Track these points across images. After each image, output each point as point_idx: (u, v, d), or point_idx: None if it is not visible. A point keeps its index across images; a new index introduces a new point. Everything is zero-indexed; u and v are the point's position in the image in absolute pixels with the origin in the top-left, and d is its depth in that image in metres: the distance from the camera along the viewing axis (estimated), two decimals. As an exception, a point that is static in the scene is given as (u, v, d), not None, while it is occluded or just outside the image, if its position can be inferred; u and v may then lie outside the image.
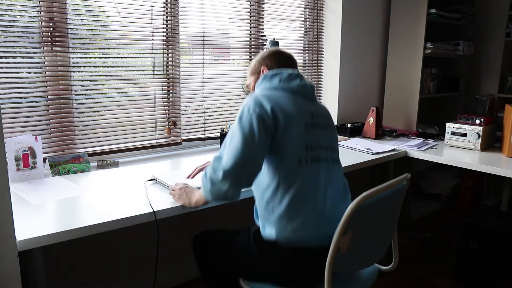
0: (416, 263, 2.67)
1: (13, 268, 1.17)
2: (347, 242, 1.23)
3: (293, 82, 1.45)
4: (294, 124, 1.36)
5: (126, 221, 1.38)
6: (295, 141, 1.35)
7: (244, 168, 1.31)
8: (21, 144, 1.74)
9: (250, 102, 1.37)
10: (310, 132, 1.39)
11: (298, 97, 1.43)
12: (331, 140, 1.48)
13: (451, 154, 2.36)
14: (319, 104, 1.53)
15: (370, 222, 1.32)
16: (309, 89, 1.48)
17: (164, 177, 1.74)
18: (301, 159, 1.35)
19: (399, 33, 3.09)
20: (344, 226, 1.21)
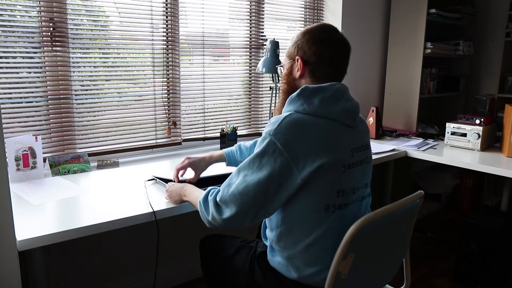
0: (416, 263, 2.66)
1: (13, 268, 1.17)
2: (347, 267, 1.12)
3: (336, 106, 1.18)
4: (330, 170, 1.13)
5: (126, 221, 1.38)
6: (328, 187, 1.15)
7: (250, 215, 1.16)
8: (21, 144, 1.74)
9: (279, 136, 1.11)
10: (346, 175, 1.17)
11: (339, 126, 1.18)
12: (367, 176, 1.27)
13: (451, 154, 2.36)
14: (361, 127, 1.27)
15: (376, 244, 1.20)
16: (353, 113, 1.22)
17: (163, 177, 1.74)
18: (329, 206, 1.16)
19: (399, 33, 3.09)
20: (343, 251, 1.09)
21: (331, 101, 1.19)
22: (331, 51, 1.24)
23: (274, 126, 1.14)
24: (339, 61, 1.27)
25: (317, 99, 1.18)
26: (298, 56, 1.25)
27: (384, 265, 1.30)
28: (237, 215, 1.16)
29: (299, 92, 1.20)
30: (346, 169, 1.18)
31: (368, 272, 1.24)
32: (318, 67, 1.24)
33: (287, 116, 1.15)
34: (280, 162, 1.12)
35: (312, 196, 1.15)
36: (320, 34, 1.24)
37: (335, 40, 1.25)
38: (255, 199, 1.14)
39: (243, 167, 1.18)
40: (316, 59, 1.23)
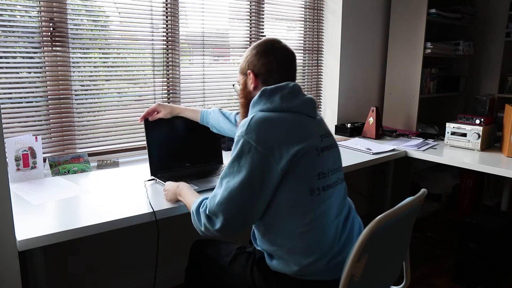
0: (416, 263, 2.66)
1: (13, 268, 1.17)
2: (361, 269, 1.11)
3: (296, 99, 1.28)
4: (306, 155, 1.20)
5: (126, 221, 1.38)
6: (307, 172, 1.21)
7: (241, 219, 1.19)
8: (21, 144, 1.74)
9: (252, 135, 1.18)
10: (322, 158, 1.24)
11: (303, 118, 1.27)
12: (338, 160, 1.35)
13: (451, 154, 2.36)
14: (319, 118, 1.37)
15: (384, 245, 1.20)
16: (313, 103, 1.33)
17: (164, 176, 1.74)
18: (313, 189, 1.21)
19: (399, 33, 3.09)
20: (358, 252, 1.07)
21: (290, 97, 1.28)
22: (277, 60, 1.34)
23: (244, 127, 1.21)
24: (286, 67, 1.36)
25: (277, 97, 1.27)
26: (250, 70, 1.36)
27: (392, 265, 1.32)
28: (228, 222, 1.19)
29: (259, 94, 1.29)
30: (320, 153, 1.25)
31: (378, 273, 1.25)
32: (269, 76, 1.34)
33: (254, 116, 1.23)
34: (258, 158, 1.17)
35: (295, 183, 1.20)
36: (265, 47, 1.35)
37: (279, 50, 1.35)
38: (242, 202, 1.18)
39: (224, 175, 1.22)
40: (265, 69, 1.33)
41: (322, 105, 3.14)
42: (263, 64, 1.33)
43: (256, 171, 1.17)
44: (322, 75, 3.10)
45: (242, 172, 1.18)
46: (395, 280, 1.36)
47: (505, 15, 3.14)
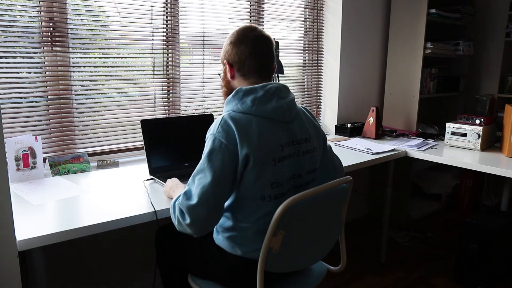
0: (416, 263, 2.67)
1: (13, 268, 1.17)
2: (278, 243, 1.24)
3: (268, 105, 1.29)
4: (262, 163, 1.25)
5: (126, 221, 1.38)
6: (261, 179, 1.26)
7: (212, 214, 1.24)
8: (21, 144, 1.74)
9: (221, 133, 1.24)
10: (277, 168, 1.28)
11: (270, 124, 1.29)
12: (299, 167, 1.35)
13: (451, 154, 2.36)
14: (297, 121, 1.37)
15: (305, 223, 1.30)
16: (285, 110, 1.32)
17: (163, 175, 1.74)
18: (265, 196, 1.28)
19: (399, 33, 3.09)
20: (274, 227, 1.21)
21: (262, 100, 1.29)
22: (249, 48, 1.34)
23: (215, 126, 1.27)
24: (260, 55, 1.36)
25: (249, 99, 1.29)
26: (226, 60, 1.39)
27: (316, 243, 1.40)
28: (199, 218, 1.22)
29: (233, 94, 1.32)
30: (277, 163, 1.28)
31: (299, 248, 1.34)
32: (243, 65, 1.36)
33: (225, 115, 1.28)
34: (228, 154, 1.23)
35: (248, 188, 1.27)
36: (237, 36, 1.36)
37: (251, 38, 1.35)
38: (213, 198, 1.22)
39: (196, 172, 1.26)
40: (238, 58, 1.35)
41: (322, 105, 3.14)
42: (236, 53, 1.35)
43: (227, 167, 1.23)
44: (322, 75, 3.10)
45: (213, 168, 1.22)
46: (323, 257, 1.45)
47: (505, 15, 3.14)
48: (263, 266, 1.25)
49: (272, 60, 1.40)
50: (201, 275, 1.47)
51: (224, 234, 1.35)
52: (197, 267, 1.47)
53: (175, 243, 1.53)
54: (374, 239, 2.93)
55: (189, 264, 1.49)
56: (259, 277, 1.26)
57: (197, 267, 1.47)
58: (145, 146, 1.82)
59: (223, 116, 1.28)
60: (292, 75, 2.92)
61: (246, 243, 1.32)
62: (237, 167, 1.24)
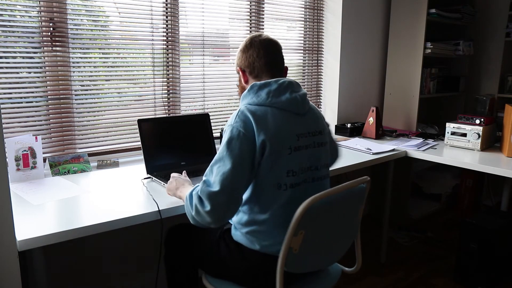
0: (416, 263, 2.67)
1: (13, 268, 1.17)
2: (298, 243, 1.25)
3: (282, 96, 1.35)
4: (279, 150, 1.30)
5: (128, 221, 1.38)
6: (277, 167, 1.30)
7: (232, 200, 1.26)
8: (21, 144, 1.74)
9: (239, 123, 1.29)
10: (293, 156, 1.33)
11: (286, 115, 1.34)
12: (316, 159, 1.40)
13: (451, 154, 2.36)
14: (310, 114, 1.43)
15: (325, 223, 1.32)
16: (299, 102, 1.37)
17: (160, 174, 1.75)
18: (281, 184, 1.31)
19: (399, 33, 3.09)
20: (294, 227, 1.22)
21: (276, 93, 1.35)
22: (256, 51, 1.43)
23: (233, 118, 1.32)
24: (266, 55, 1.43)
25: (264, 92, 1.35)
26: (238, 67, 1.48)
27: (334, 244, 1.42)
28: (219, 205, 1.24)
29: (248, 89, 1.39)
30: (293, 151, 1.33)
31: (319, 249, 1.36)
32: (253, 67, 1.44)
33: (241, 108, 1.34)
34: (245, 140, 1.27)
35: (264, 175, 1.30)
36: (245, 43, 1.46)
37: (258, 42, 1.44)
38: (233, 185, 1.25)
39: (215, 161, 1.29)
40: (248, 63, 1.44)
41: (322, 105, 3.14)
42: (245, 58, 1.44)
43: (245, 153, 1.26)
44: (322, 75, 3.10)
45: (233, 156, 1.25)
46: (339, 258, 1.46)
47: (505, 15, 3.14)
48: (283, 266, 1.25)
49: (280, 60, 1.48)
50: (217, 274, 1.47)
51: (243, 230, 1.37)
52: (213, 266, 1.47)
53: (189, 242, 1.54)
54: (374, 239, 2.93)
55: (204, 263, 1.50)
56: (279, 277, 1.26)
57: (213, 266, 1.47)
58: (142, 145, 1.83)
59: (240, 108, 1.33)
60: (292, 75, 2.92)
61: (265, 236, 1.33)
62: (255, 154, 1.28)
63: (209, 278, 1.48)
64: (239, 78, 1.50)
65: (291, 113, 1.36)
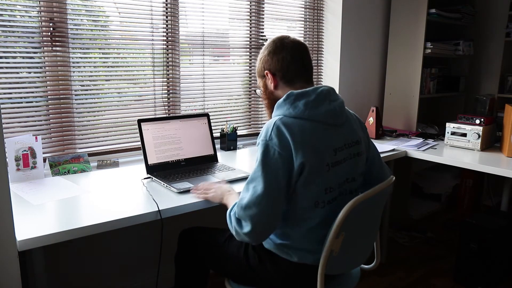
0: (416, 263, 2.67)
1: (13, 268, 1.17)
2: (339, 245, 1.24)
3: (320, 108, 1.27)
4: (317, 170, 1.24)
5: (128, 221, 1.38)
6: (314, 186, 1.25)
7: (269, 221, 1.23)
8: (21, 144, 1.74)
9: (275, 140, 1.21)
10: (331, 173, 1.27)
11: (323, 128, 1.28)
12: (352, 170, 1.35)
13: (451, 154, 2.36)
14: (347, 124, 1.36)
15: (359, 224, 1.32)
16: (337, 113, 1.31)
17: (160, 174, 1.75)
18: (318, 202, 1.27)
19: (399, 33, 3.09)
20: (337, 230, 1.21)
21: (314, 104, 1.27)
22: (290, 53, 1.35)
23: (267, 132, 1.24)
24: (301, 59, 1.37)
25: (301, 103, 1.27)
26: (266, 71, 1.38)
27: (365, 243, 1.43)
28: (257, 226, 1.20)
29: (285, 98, 1.29)
30: (331, 168, 1.27)
31: (353, 250, 1.37)
32: (286, 71, 1.36)
33: (276, 121, 1.25)
34: (282, 161, 1.20)
35: (302, 196, 1.25)
36: (275, 45, 1.38)
37: (290, 44, 1.37)
38: (268, 205, 1.20)
39: (250, 179, 1.24)
40: (281, 65, 1.35)
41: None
42: (277, 61, 1.35)
43: (280, 175, 1.20)
44: (322, 75, 3.10)
45: (268, 177, 1.20)
46: (366, 258, 1.46)
47: (505, 15, 3.13)
48: (324, 270, 1.24)
49: (311, 64, 1.41)
50: (244, 281, 1.44)
51: (276, 241, 1.32)
52: (239, 273, 1.43)
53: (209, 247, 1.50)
54: (374, 239, 2.93)
55: (229, 269, 1.46)
56: (320, 281, 1.24)
57: (239, 273, 1.43)
58: (142, 145, 1.83)
59: (275, 122, 1.24)
60: (292, 75, 2.92)
61: (299, 249, 1.30)
62: (292, 174, 1.22)
63: (233, 284, 1.47)
64: (263, 83, 1.41)
65: (329, 125, 1.29)
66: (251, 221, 1.20)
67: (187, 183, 1.67)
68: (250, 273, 1.40)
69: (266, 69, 1.38)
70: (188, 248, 1.58)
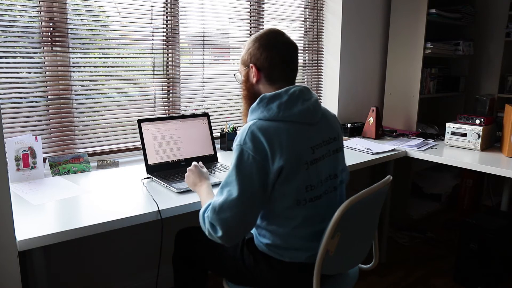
0: (416, 263, 2.67)
1: (13, 268, 1.17)
2: (335, 245, 1.25)
3: (294, 108, 1.27)
4: (295, 170, 1.24)
5: (128, 221, 1.38)
6: (294, 185, 1.25)
7: (242, 225, 1.23)
8: (21, 144, 1.74)
9: (249, 144, 1.20)
10: (310, 171, 1.27)
11: (299, 128, 1.27)
12: (333, 167, 1.36)
13: (451, 154, 2.36)
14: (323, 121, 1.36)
15: (355, 224, 1.32)
16: (311, 112, 1.30)
17: (160, 174, 1.75)
18: (300, 200, 1.27)
19: (399, 33, 3.09)
20: (332, 230, 1.21)
21: (287, 105, 1.27)
22: (280, 54, 1.32)
23: (242, 136, 1.24)
24: (290, 62, 1.35)
25: (274, 105, 1.26)
26: (252, 64, 1.34)
27: (361, 243, 1.43)
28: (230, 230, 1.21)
29: (258, 102, 1.29)
30: (310, 166, 1.27)
31: (350, 249, 1.37)
32: (272, 70, 1.33)
33: (251, 125, 1.25)
34: (256, 166, 1.20)
35: (282, 195, 1.26)
36: (268, 40, 1.33)
37: (282, 44, 1.34)
38: (241, 210, 1.20)
39: (224, 183, 1.24)
40: (268, 64, 1.32)
41: (322, 105, 3.13)
42: (265, 58, 1.32)
43: (254, 180, 1.20)
44: (322, 75, 3.10)
45: (242, 181, 1.20)
46: (364, 258, 1.47)
47: (505, 15, 3.13)
48: (319, 270, 1.24)
49: (297, 67, 1.40)
50: (241, 281, 1.44)
51: (266, 241, 1.33)
52: (236, 273, 1.43)
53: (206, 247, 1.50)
54: (374, 239, 2.93)
55: (225, 269, 1.47)
56: (316, 281, 1.25)
57: (236, 273, 1.43)
58: (142, 145, 1.83)
59: (250, 126, 1.24)
60: (292, 75, 2.92)
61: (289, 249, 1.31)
62: (268, 179, 1.22)
63: (231, 285, 1.47)
64: (246, 73, 1.38)
65: (305, 124, 1.29)
66: (225, 224, 1.20)
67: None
68: (246, 273, 1.40)
69: (253, 62, 1.34)
70: (185, 249, 1.58)
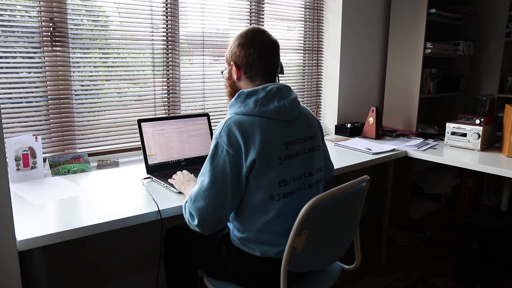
0: (416, 263, 2.67)
1: (13, 268, 1.17)
2: (302, 243, 1.25)
3: (270, 105, 1.31)
4: (268, 164, 1.27)
5: (128, 221, 1.38)
6: (267, 179, 1.28)
7: (215, 214, 1.27)
8: (21, 144, 1.74)
9: (224, 138, 1.26)
10: (284, 166, 1.30)
11: (274, 123, 1.31)
12: (308, 165, 1.38)
13: (451, 154, 2.36)
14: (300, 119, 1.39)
15: (327, 222, 1.33)
16: (287, 109, 1.33)
17: (160, 174, 1.75)
18: (273, 195, 1.30)
19: (399, 33, 3.09)
20: (298, 228, 1.22)
21: (264, 102, 1.31)
22: (258, 52, 1.36)
23: (219, 129, 1.30)
24: (267, 60, 1.38)
25: (251, 101, 1.31)
26: (232, 61, 1.40)
27: (336, 242, 1.43)
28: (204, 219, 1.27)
29: (236, 97, 1.35)
30: (283, 161, 1.31)
31: (321, 248, 1.37)
32: (250, 68, 1.37)
33: (228, 119, 1.30)
34: (229, 160, 1.26)
35: (256, 189, 1.29)
36: (246, 38, 1.37)
37: (260, 42, 1.36)
38: (214, 200, 1.26)
39: (200, 174, 1.31)
40: (246, 61, 1.37)
41: (322, 105, 3.14)
42: (244, 56, 1.37)
43: (227, 172, 1.26)
44: (322, 75, 3.10)
45: (215, 172, 1.26)
46: (341, 256, 1.47)
47: (505, 15, 3.14)
48: (286, 267, 1.26)
49: (277, 64, 1.43)
50: (218, 276, 1.48)
51: (240, 236, 1.37)
52: (214, 268, 1.47)
53: (188, 243, 1.54)
54: (374, 239, 2.93)
55: (205, 265, 1.50)
56: (283, 278, 1.26)
57: (214, 268, 1.47)
58: (142, 145, 1.83)
59: (226, 120, 1.30)
60: (292, 75, 2.92)
61: (262, 243, 1.34)
62: (241, 172, 1.27)
63: (211, 280, 1.49)
64: (229, 71, 1.43)
65: (280, 121, 1.32)
66: (199, 212, 1.27)
67: None
68: (223, 268, 1.43)
69: (233, 60, 1.39)
70: (174, 247, 1.60)
